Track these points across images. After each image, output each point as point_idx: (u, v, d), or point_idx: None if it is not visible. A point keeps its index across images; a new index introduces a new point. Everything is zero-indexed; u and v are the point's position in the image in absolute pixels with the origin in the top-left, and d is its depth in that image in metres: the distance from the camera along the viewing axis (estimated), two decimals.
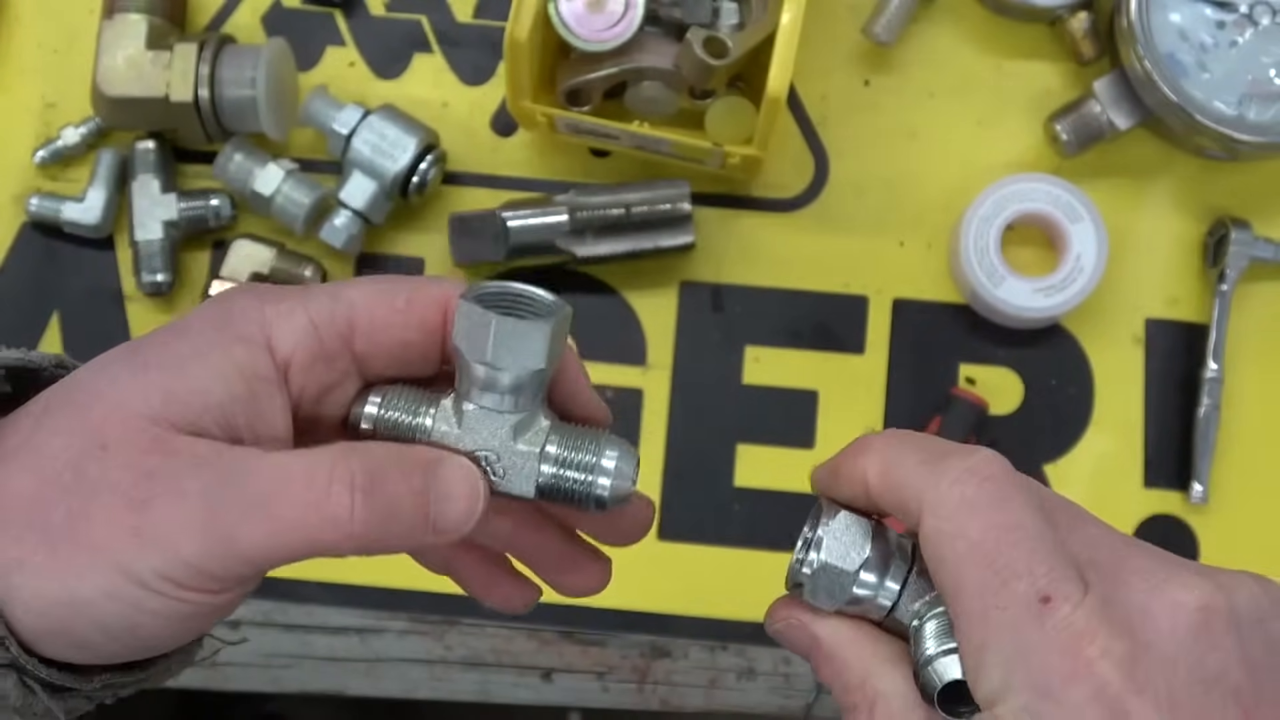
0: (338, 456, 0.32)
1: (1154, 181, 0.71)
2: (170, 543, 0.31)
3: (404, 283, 0.34)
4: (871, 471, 0.33)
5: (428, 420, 0.34)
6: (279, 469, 0.31)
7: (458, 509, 0.32)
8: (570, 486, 0.34)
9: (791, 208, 0.71)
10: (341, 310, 0.33)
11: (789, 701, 0.68)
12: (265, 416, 0.33)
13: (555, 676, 0.68)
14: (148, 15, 0.68)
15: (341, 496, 0.31)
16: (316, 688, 0.68)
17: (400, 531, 0.32)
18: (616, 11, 0.63)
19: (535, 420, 0.34)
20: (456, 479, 0.32)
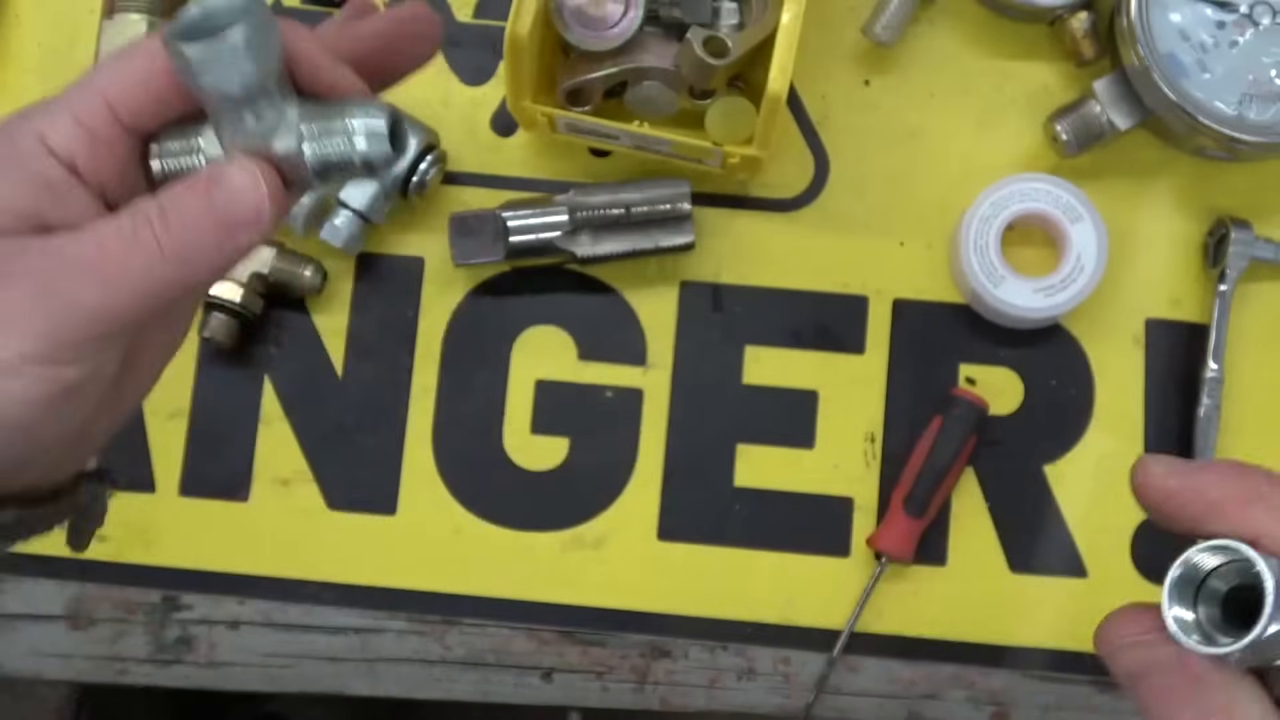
0: (136, 206, 0.35)
1: (1154, 181, 0.71)
2: (19, 323, 0.34)
3: (136, 46, 0.36)
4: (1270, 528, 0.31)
5: (200, 142, 0.37)
6: (92, 233, 0.35)
7: (247, 199, 0.35)
8: (333, 154, 0.36)
9: (791, 208, 0.71)
10: (94, 96, 0.36)
11: (789, 701, 0.68)
12: (71, 208, 0.36)
13: (555, 676, 0.68)
14: (148, 15, 0.68)
15: (144, 234, 0.35)
16: (316, 688, 0.68)
17: (208, 241, 0.35)
18: (616, 11, 0.63)
19: (286, 111, 0.36)
20: (234, 176, 0.35)
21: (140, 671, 0.69)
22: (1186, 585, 0.32)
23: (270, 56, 0.35)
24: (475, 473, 0.69)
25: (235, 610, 0.69)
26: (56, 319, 0.34)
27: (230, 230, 0.35)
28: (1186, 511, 0.33)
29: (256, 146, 0.36)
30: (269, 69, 0.35)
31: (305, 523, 0.69)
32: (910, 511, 0.66)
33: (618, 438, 0.69)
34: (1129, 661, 0.33)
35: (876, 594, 0.67)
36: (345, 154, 0.36)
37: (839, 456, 0.69)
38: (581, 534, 0.68)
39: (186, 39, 0.34)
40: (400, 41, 0.41)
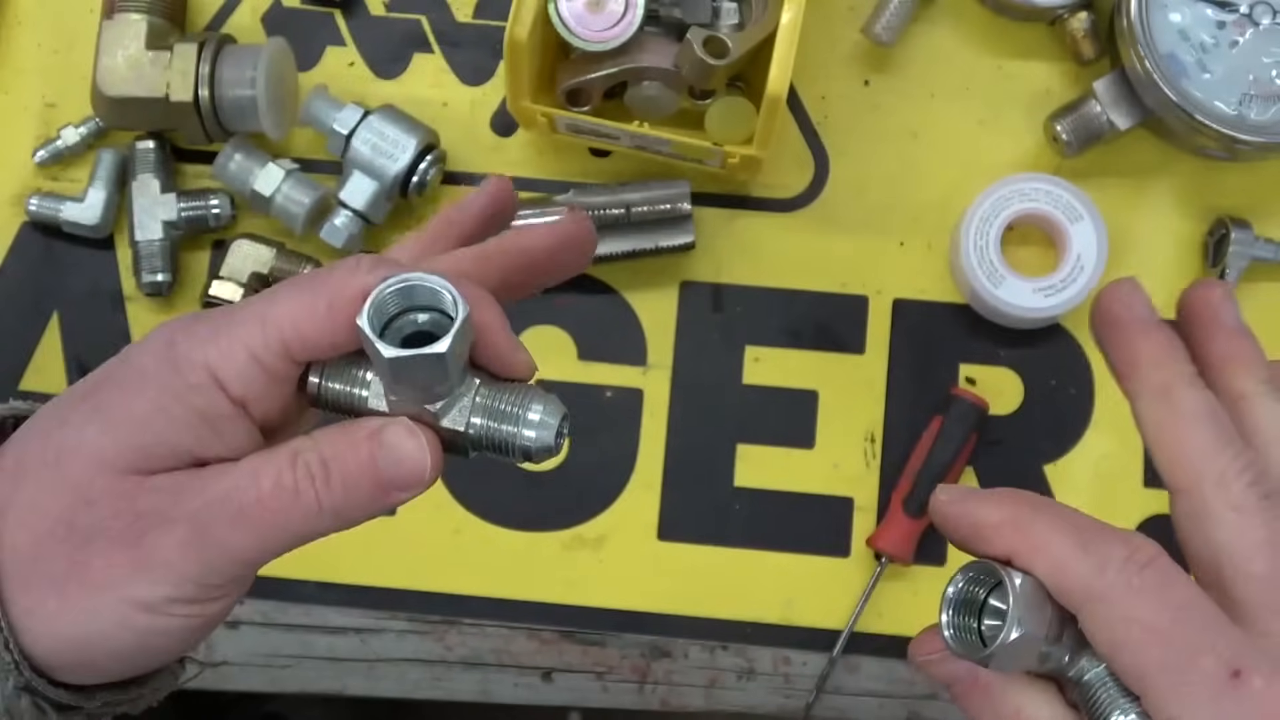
0: (295, 452, 0.35)
1: (1154, 181, 0.71)
2: (170, 567, 0.34)
3: (322, 286, 0.35)
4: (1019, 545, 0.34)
5: (364, 392, 0.36)
6: (249, 478, 0.34)
7: (409, 466, 0.35)
8: (499, 439, 0.35)
9: (791, 208, 0.71)
10: (273, 334, 0.35)
11: (789, 701, 0.68)
12: (231, 443, 0.35)
13: (555, 676, 0.68)
14: (148, 15, 0.68)
15: (306, 490, 0.34)
16: (316, 688, 0.68)
17: (364, 502, 0.35)
18: (616, 11, 0.63)
19: (461, 388, 0.35)
20: (400, 441, 0.35)
21: None
22: (965, 602, 0.36)
23: (464, 353, 0.34)
24: (475, 473, 0.69)
25: (235, 610, 0.68)
26: (209, 565, 0.34)
27: (389, 492, 0.35)
28: (960, 534, 0.36)
29: (424, 416, 0.35)
30: (459, 363, 0.34)
31: None
32: (910, 511, 0.66)
33: (618, 438, 0.69)
34: (935, 674, 0.38)
35: (876, 594, 0.67)
36: (510, 441, 0.35)
37: (839, 456, 0.69)
38: (581, 534, 0.68)
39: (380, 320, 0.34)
40: (563, 255, 0.41)
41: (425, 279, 0.34)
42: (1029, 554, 0.34)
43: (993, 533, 0.35)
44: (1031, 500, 0.35)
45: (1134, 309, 0.38)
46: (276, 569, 0.71)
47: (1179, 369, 0.37)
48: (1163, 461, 0.36)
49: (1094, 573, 0.33)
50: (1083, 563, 0.33)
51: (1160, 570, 0.33)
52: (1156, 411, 0.36)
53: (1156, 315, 0.38)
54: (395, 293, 0.34)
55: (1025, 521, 0.35)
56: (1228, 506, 0.34)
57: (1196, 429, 0.35)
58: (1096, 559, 0.33)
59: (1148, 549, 0.33)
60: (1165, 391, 0.36)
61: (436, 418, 0.35)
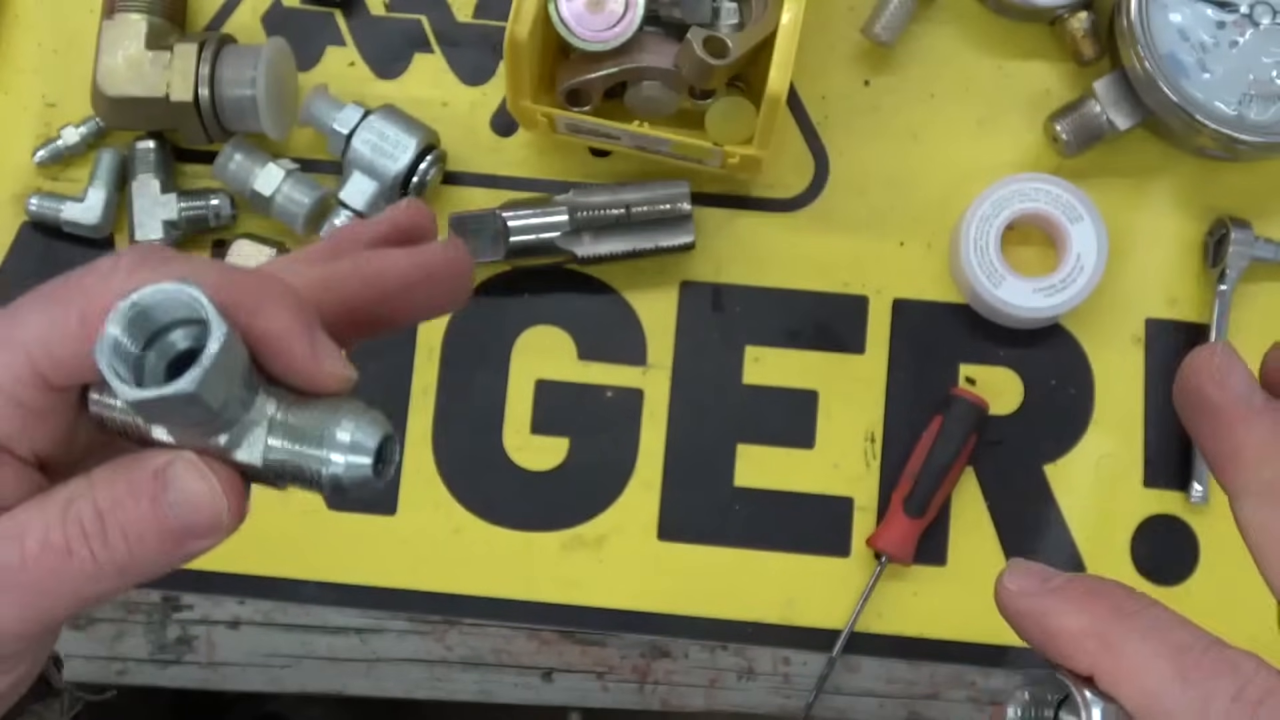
0: (67, 500, 0.29)
1: (1154, 181, 0.71)
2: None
3: (73, 296, 0.30)
4: (1105, 666, 0.29)
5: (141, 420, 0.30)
6: (13, 538, 0.29)
7: (202, 512, 0.29)
8: (303, 466, 0.29)
9: (791, 208, 0.71)
10: (19, 361, 0.29)
11: (789, 701, 0.68)
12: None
13: (555, 676, 0.68)
14: (148, 15, 0.68)
15: (80, 549, 0.29)
16: (316, 688, 0.68)
17: (152, 553, 0.30)
18: (616, 11, 0.63)
19: (251, 412, 0.29)
20: (186, 483, 0.29)
21: (140, 671, 0.69)
22: None
23: (234, 377, 0.28)
24: (475, 473, 0.69)
25: (235, 610, 0.69)
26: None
27: (180, 541, 0.29)
28: (1030, 637, 0.31)
29: (214, 451, 0.29)
30: (231, 389, 0.28)
31: (305, 523, 0.69)
32: (910, 511, 0.66)
33: (618, 438, 0.69)
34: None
35: (876, 594, 0.67)
36: (316, 470, 0.29)
37: (839, 456, 0.69)
38: (581, 534, 0.68)
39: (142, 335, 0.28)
40: (426, 288, 0.34)
41: (171, 292, 0.27)
42: (1117, 678, 0.28)
43: (1072, 645, 0.29)
44: (1120, 604, 0.29)
45: (1231, 387, 0.32)
46: (276, 569, 0.71)
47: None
48: (1273, 573, 0.30)
49: (1194, 713, 0.27)
50: (1182, 698, 0.28)
51: (1275, 710, 0.27)
52: (1264, 515, 0.30)
53: (1258, 391, 0.32)
54: (135, 317, 0.28)
55: (1114, 636, 0.29)
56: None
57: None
58: (1199, 695, 0.27)
59: (1261, 680, 0.27)
60: (1275, 491, 0.30)
61: (226, 451, 0.29)
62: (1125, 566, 0.68)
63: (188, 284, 0.28)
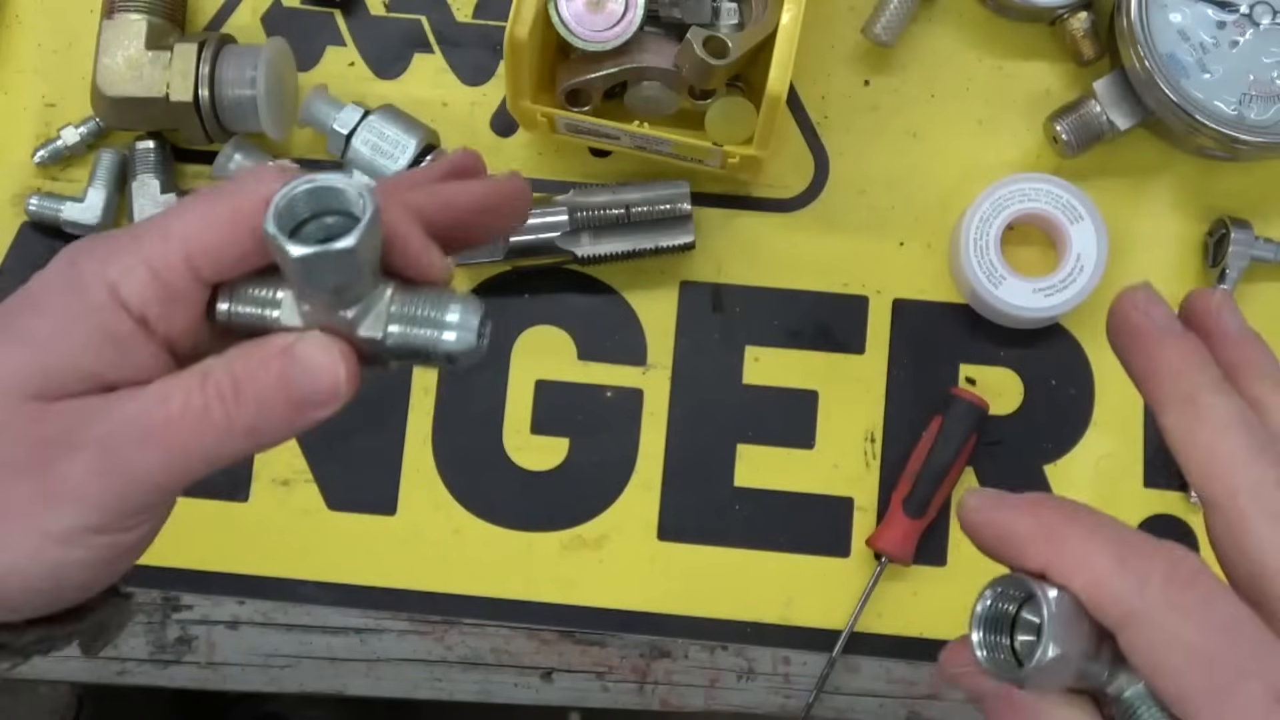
0: (205, 372, 0.33)
1: (1154, 181, 0.71)
2: (80, 495, 0.33)
3: (225, 196, 0.34)
4: (1054, 559, 0.33)
5: (275, 312, 0.35)
6: (157, 399, 0.33)
7: (322, 381, 0.33)
8: (419, 344, 0.34)
9: (791, 208, 0.71)
10: (174, 248, 0.34)
11: (789, 701, 0.68)
12: (137, 365, 0.34)
13: (555, 676, 0.68)
14: (148, 15, 0.68)
15: (216, 408, 0.33)
16: (316, 688, 0.68)
17: (279, 418, 0.33)
18: (616, 11, 0.63)
19: (375, 294, 0.34)
20: (311, 354, 0.33)
21: (140, 671, 0.69)
22: (996, 618, 0.33)
23: (374, 253, 0.33)
24: (475, 473, 0.69)
25: (235, 610, 0.69)
26: (119, 491, 0.33)
27: (304, 409, 0.33)
28: (989, 544, 0.34)
29: (339, 327, 0.34)
30: (370, 265, 0.33)
31: (305, 523, 0.69)
32: (910, 512, 0.66)
33: (618, 438, 0.69)
34: (966, 688, 0.35)
35: (876, 594, 0.67)
36: (431, 346, 0.34)
37: (839, 456, 0.69)
38: (581, 534, 0.68)
39: (286, 221, 0.32)
40: (493, 213, 0.39)
41: (330, 179, 0.32)
42: (1064, 569, 0.32)
43: (1025, 544, 0.33)
44: (1066, 509, 0.33)
45: (1152, 316, 0.36)
46: (276, 569, 0.71)
47: (1204, 376, 0.35)
48: (1194, 474, 0.34)
49: (1133, 591, 0.31)
50: (1121, 579, 0.31)
51: (1203, 587, 0.31)
52: (1184, 422, 0.34)
53: (1176, 321, 0.36)
54: (300, 194, 0.32)
55: (1060, 533, 0.33)
56: (1266, 516, 0.32)
57: (1227, 437, 0.33)
58: (1136, 575, 0.31)
59: (1190, 563, 0.31)
60: (1191, 400, 0.34)
61: (352, 326, 0.34)
62: None
63: (340, 176, 0.32)
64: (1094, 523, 0.33)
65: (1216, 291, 0.38)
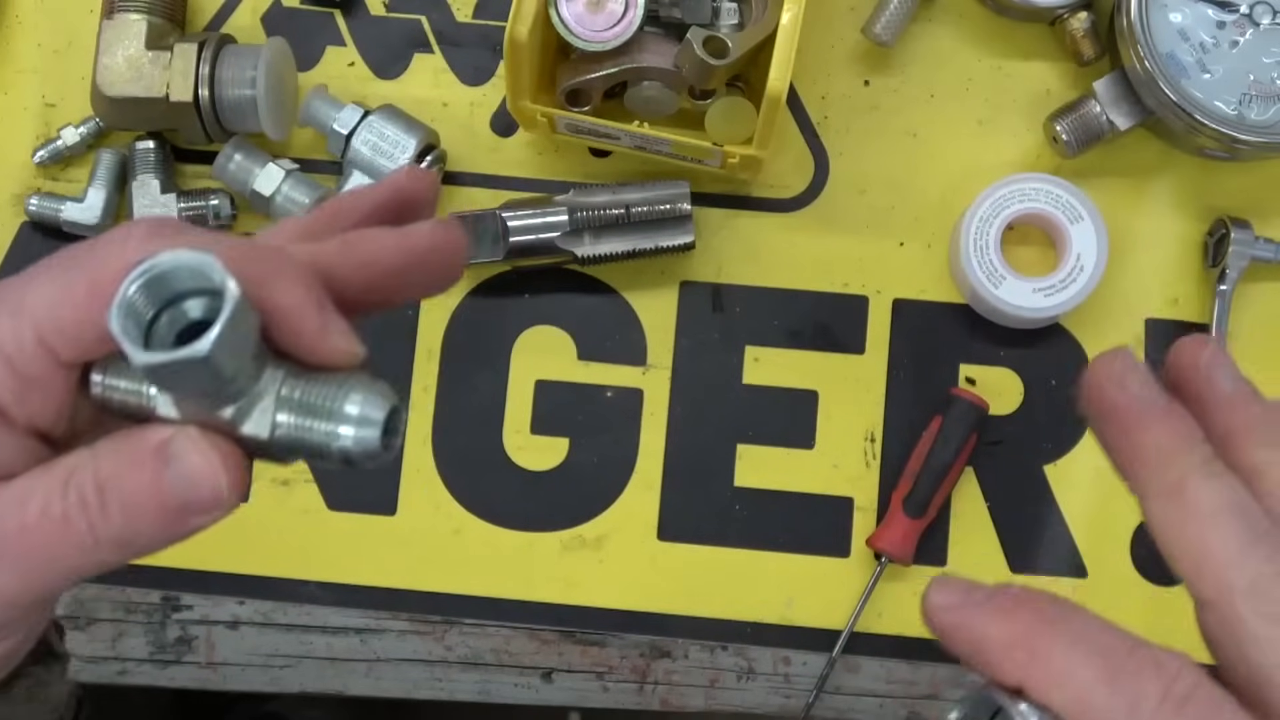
0: (68, 472, 0.30)
1: (1154, 181, 0.71)
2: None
3: (83, 264, 0.30)
4: (1034, 675, 0.29)
5: (152, 391, 0.30)
6: (13, 506, 0.29)
7: (201, 488, 0.29)
8: (312, 442, 0.30)
9: (791, 208, 0.71)
10: (25, 328, 0.29)
11: (789, 701, 0.68)
12: None
13: (555, 676, 0.68)
14: (148, 15, 0.68)
15: (78, 520, 0.29)
16: (316, 688, 0.68)
17: (151, 527, 0.30)
18: (616, 11, 0.63)
19: (260, 384, 0.30)
20: (188, 456, 0.29)
21: (140, 671, 0.69)
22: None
23: (245, 346, 0.28)
24: (475, 473, 0.69)
25: (235, 610, 0.69)
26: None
27: (181, 517, 0.30)
28: (960, 650, 0.31)
29: (220, 424, 0.30)
30: (244, 359, 0.29)
31: (305, 523, 0.69)
32: (910, 512, 0.66)
33: (618, 438, 0.69)
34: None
35: (876, 594, 0.67)
36: (325, 444, 0.30)
37: (839, 456, 0.69)
38: (581, 534, 0.68)
39: (145, 312, 0.28)
40: (420, 272, 0.34)
41: (186, 259, 0.28)
42: (1045, 686, 0.29)
43: (1001, 655, 0.30)
44: (1045, 612, 0.30)
45: (1130, 390, 0.32)
46: (276, 569, 0.71)
47: (1193, 458, 0.31)
48: (1185, 571, 0.30)
49: (1123, 715, 0.28)
50: (1110, 700, 0.28)
51: (1202, 705, 0.28)
52: (1170, 514, 0.31)
53: (1158, 393, 0.32)
54: (150, 281, 0.28)
55: (1041, 645, 0.29)
56: (1264, 619, 0.29)
57: (1218, 530, 0.30)
58: (1127, 697, 0.28)
59: (1187, 679, 0.28)
60: (1178, 489, 0.31)
61: (232, 425, 0.29)
62: (1125, 567, 0.68)
63: (204, 251, 0.28)
64: (1078, 629, 0.29)
65: (1207, 346, 0.33)
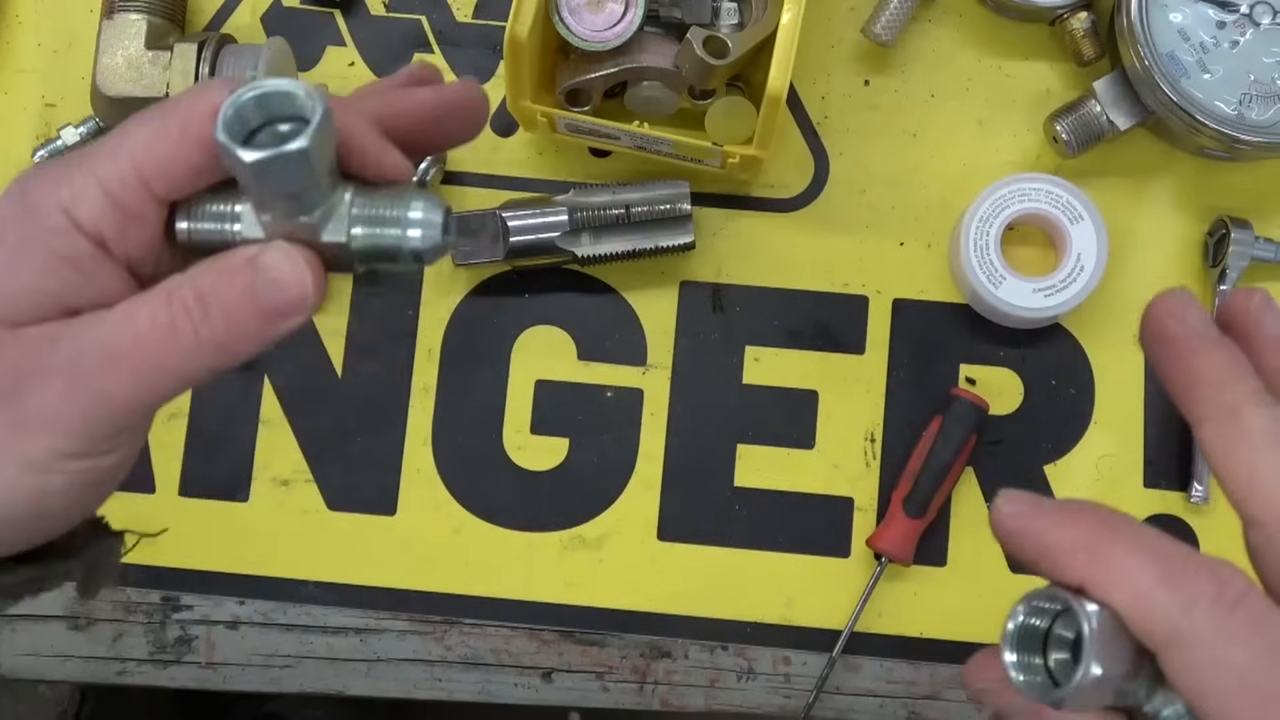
0: (171, 290, 0.33)
1: (1154, 181, 0.71)
2: (52, 421, 0.33)
3: (173, 109, 0.34)
4: (1096, 575, 0.31)
5: (236, 226, 0.34)
6: (124, 320, 0.33)
7: (290, 290, 0.33)
8: (384, 244, 0.34)
9: (791, 208, 0.71)
10: (125, 165, 0.33)
11: (789, 701, 0.68)
12: (99, 287, 0.34)
13: (555, 676, 0.68)
14: (148, 15, 0.68)
15: (183, 324, 0.33)
16: (316, 688, 0.68)
17: (248, 329, 0.33)
18: (616, 11, 0.63)
19: (334, 198, 0.34)
20: (277, 263, 0.33)
21: (140, 671, 0.69)
22: (1029, 633, 0.32)
23: (329, 154, 0.33)
24: (475, 473, 0.69)
25: (235, 610, 0.69)
26: (91, 415, 0.33)
27: (273, 319, 0.33)
28: (1025, 555, 0.33)
29: (302, 235, 0.34)
30: (326, 167, 0.33)
31: (305, 523, 0.69)
32: (910, 512, 0.66)
33: (618, 438, 0.69)
34: (994, 704, 0.34)
35: (876, 594, 0.67)
36: (396, 245, 0.34)
37: (839, 456, 0.69)
38: (581, 534, 0.68)
39: (237, 130, 0.32)
40: (447, 120, 0.39)
41: (278, 84, 0.32)
42: (1106, 585, 0.31)
43: (1065, 558, 0.32)
44: (1109, 520, 0.32)
45: (1189, 323, 0.34)
46: (276, 569, 0.71)
47: (1246, 387, 0.33)
48: (1234, 491, 0.32)
49: (1180, 612, 0.30)
50: (1168, 600, 0.30)
51: (1252, 610, 0.30)
52: (1223, 437, 0.33)
53: (1214, 328, 0.35)
54: (249, 100, 0.32)
55: (1103, 547, 0.31)
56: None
57: (1271, 453, 0.32)
58: (1183, 596, 0.30)
59: (1237, 583, 0.30)
60: (1233, 414, 0.33)
61: (314, 233, 0.34)
62: None
63: (288, 78, 0.32)
64: (1138, 536, 0.31)
65: (1257, 293, 0.35)
